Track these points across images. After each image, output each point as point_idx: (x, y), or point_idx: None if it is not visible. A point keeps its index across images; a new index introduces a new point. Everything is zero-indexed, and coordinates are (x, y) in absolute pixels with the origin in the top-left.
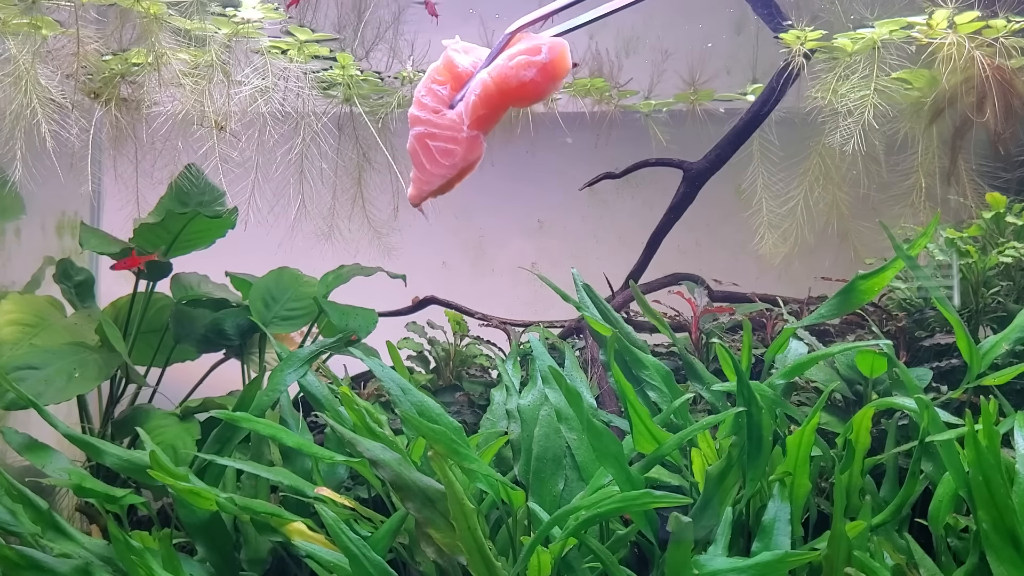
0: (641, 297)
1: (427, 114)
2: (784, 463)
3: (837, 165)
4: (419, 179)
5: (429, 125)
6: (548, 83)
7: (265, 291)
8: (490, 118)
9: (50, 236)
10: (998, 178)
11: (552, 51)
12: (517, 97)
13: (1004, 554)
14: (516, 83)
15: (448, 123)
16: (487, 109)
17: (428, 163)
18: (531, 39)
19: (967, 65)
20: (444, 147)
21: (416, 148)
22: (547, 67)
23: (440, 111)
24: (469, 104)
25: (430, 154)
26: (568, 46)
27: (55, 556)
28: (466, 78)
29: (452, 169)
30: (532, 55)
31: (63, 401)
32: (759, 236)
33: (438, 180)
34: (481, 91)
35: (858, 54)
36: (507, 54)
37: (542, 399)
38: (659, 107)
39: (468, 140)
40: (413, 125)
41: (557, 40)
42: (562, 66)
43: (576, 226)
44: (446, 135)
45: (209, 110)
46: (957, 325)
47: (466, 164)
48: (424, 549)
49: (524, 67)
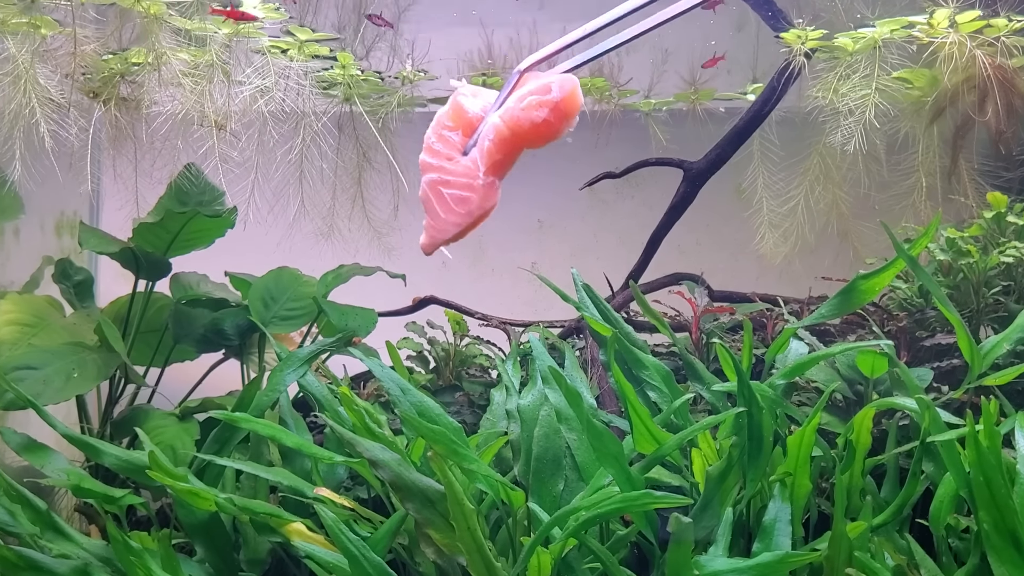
0: (641, 297)
1: (440, 161)
2: (785, 463)
3: (838, 165)
4: (433, 227)
5: (442, 172)
6: (561, 122)
7: (264, 291)
8: (505, 163)
9: (49, 236)
10: (999, 177)
11: (563, 89)
12: (531, 138)
13: (1005, 555)
14: (529, 125)
15: (463, 170)
16: (502, 154)
17: (443, 211)
18: (539, 78)
19: (968, 64)
20: (459, 195)
21: (429, 196)
22: (559, 106)
23: (453, 158)
24: (483, 150)
25: (444, 202)
26: (578, 82)
27: (54, 557)
28: (476, 123)
29: (468, 217)
30: (543, 95)
31: (62, 401)
32: (760, 236)
33: (453, 229)
34: (495, 136)
35: (859, 53)
36: (517, 95)
37: (542, 399)
38: (659, 106)
39: (484, 187)
40: (425, 172)
41: (567, 77)
42: (574, 103)
43: (576, 226)
44: (461, 182)
45: (209, 110)
46: (958, 325)
47: (482, 212)
48: (424, 550)
49: (536, 108)
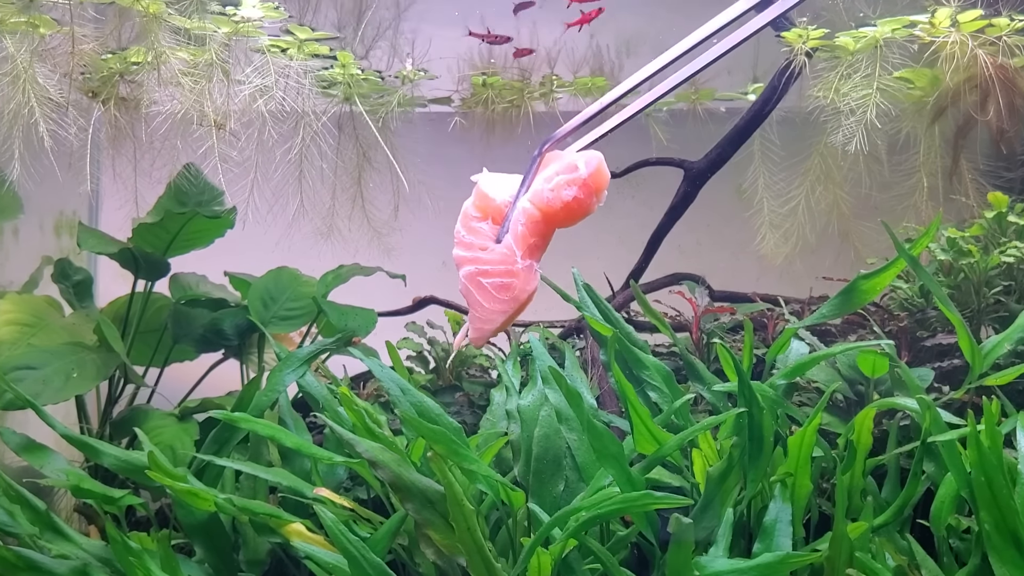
0: (642, 297)
1: (474, 252)
2: (785, 464)
3: (839, 164)
4: (479, 319)
5: (479, 263)
6: (590, 198)
7: (264, 291)
8: (540, 245)
9: (48, 236)
10: (1000, 177)
11: (589, 165)
12: (563, 218)
13: (1006, 555)
14: (560, 205)
15: (499, 258)
16: (536, 236)
17: (486, 301)
18: (562, 157)
19: (970, 64)
20: (500, 283)
21: (470, 288)
22: (587, 183)
23: (487, 247)
24: (518, 235)
25: (486, 292)
26: (603, 156)
27: (53, 557)
28: (504, 209)
29: (513, 303)
30: (570, 173)
31: (61, 401)
32: (761, 236)
33: (500, 316)
34: (527, 220)
35: (860, 53)
36: (543, 176)
37: (542, 399)
38: (660, 106)
39: (524, 271)
40: (460, 265)
41: (592, 153)
42: (602, 178)
43: (576, 226)
44: (499, 270)
45: (209, 109)
46: (959, 325)
47: (525, 295)
48: (423, 550)
49: (565, 187)
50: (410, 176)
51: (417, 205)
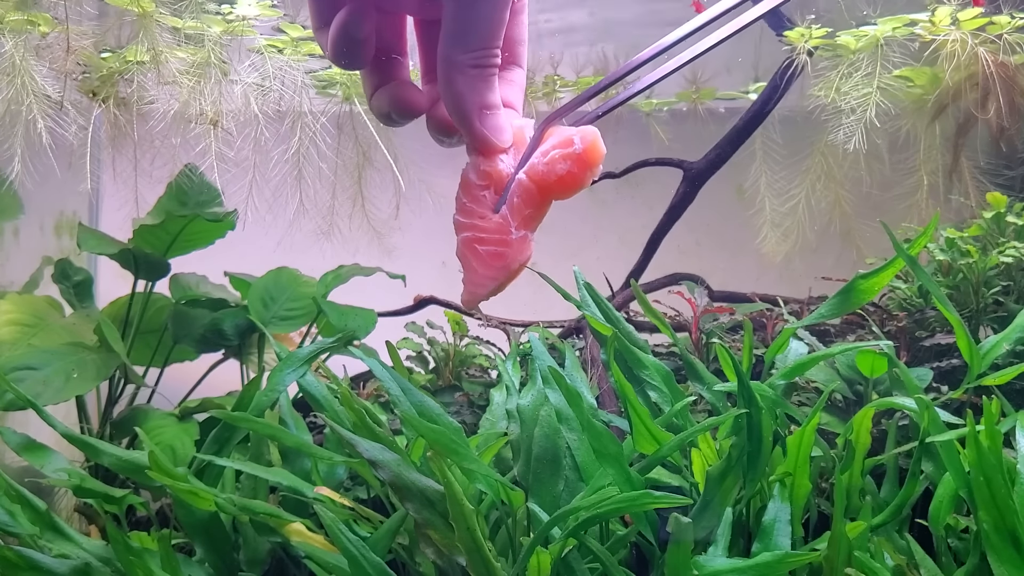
0: (642, 296)
1: (472, 219)
2: (784, 463)
3: (839, 163)
4: (471, 282)
5: (476, 230)
6: (585, 172)
7: (264, 291)
8: (535, 216)
9: (48, 236)
10: (1001, 176)
11: (584, 140)
12: (557, 191)
13: (1005, 555)
14: (554, 178)
15: (495, 227)
16: (530, 208)
17: (480, 267)
18: (561, 131)
19: (970, 62)
20: (495, 250)
21: (465, 253)
22: (581, 157)
23: (486, 216)
24: (512, 206)
25: (480, 258)
26: (599, 132)
27: (53, 557)
28: (506, 179)
29: (504, 271)
30: (565, 148)
31: (61, 401)
32: (762, 235)
33: (491, 283)
34: (521, 192)
35: (861, 52)
36: (541, 150)
37: (542, 399)
38: (660, 106)
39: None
40: (459, 231)
41: (587, 128)
42: (596, 153)
43: (576, 226)
44: (495, 239)
45: (208, 108)
46: (957, 325)
47: (518, 264)
48: (424, 550)
49: (559, 161)
50: (410, 176)
51: (418, 204)
